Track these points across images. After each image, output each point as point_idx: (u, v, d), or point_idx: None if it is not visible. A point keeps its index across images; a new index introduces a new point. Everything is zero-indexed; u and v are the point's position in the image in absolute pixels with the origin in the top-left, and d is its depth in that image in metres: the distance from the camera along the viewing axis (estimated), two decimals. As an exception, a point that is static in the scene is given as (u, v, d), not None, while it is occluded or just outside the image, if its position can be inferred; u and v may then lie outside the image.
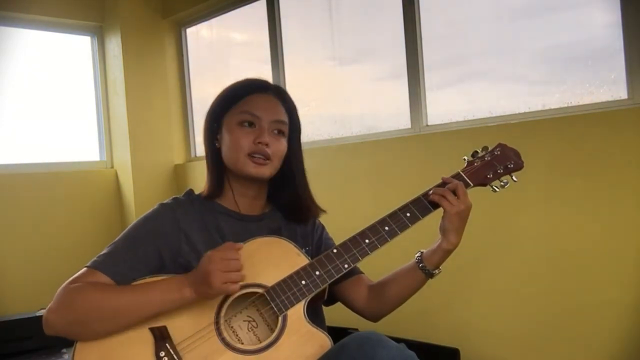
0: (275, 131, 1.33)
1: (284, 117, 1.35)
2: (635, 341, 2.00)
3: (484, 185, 1.33)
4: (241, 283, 1.17)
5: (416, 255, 1.33)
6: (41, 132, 3.83)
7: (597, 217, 2.08)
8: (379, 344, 1.08)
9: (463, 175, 1.32)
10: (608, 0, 2.17)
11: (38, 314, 2.90)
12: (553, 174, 2.17)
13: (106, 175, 3.98)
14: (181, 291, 1.17)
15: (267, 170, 1.31)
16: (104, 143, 4.05)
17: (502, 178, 1.33)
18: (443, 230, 1.28)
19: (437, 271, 1.31)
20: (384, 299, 1.36)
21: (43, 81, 3.85)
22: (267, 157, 1.30)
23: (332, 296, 1.39)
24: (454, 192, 1.26)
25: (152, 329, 1.18)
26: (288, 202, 1.41)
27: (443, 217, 1.27)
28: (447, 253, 1.28)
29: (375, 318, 1.41)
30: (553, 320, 2.18)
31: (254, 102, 1.33)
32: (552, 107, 2.28)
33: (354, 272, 1.40)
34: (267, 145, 1.29)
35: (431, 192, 1.28)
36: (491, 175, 1.32)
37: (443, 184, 1.29)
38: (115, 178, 4.00)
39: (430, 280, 1.32)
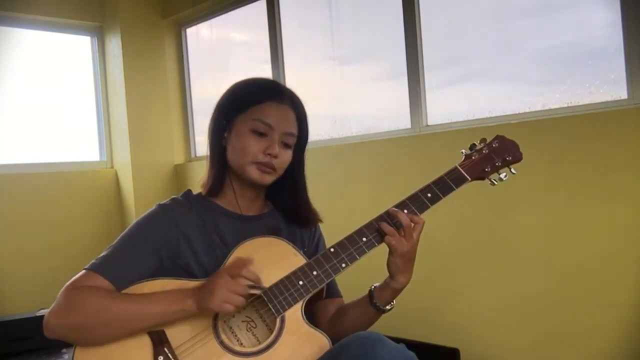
0: (284, 143, 1.31)
1: (294, 129, 1.34)
2: (636, 341, 2.00)
3: (482, 179, 1.31)
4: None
5: (369, 289, 1.30)
6: (41, 132, 3.82)
7: (597, 217, 2.07)
8: (379, 344, 1.07)
9: (460, 169, 1.29)
10: (608, 0, 2.17)
11: (38, 314, 2.90)
12: (553, 174, 2.17)
13: (106, 175, 3.98)
14: (184, 302, 1.15)
15: (270, 178, 1.31)
16: (104, 143, 4.05)
17: (500, 171, 1.31)
18: (390, 271, 1.25)
19: (388, 307, 1.29)
20: (341, 326, 1.33)
21: (43, 81, 3.84)
22: (273, 169, 1.30)
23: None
24: (401, 227, 1.21)
25: (150, 333, 1.17)
26: (286, 208, 1.41)
27: (389, 256, 1.24)
28: (397, 292, 1.26)
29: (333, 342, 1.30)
30: (553, 320, 2.18)
31: (269, 112, 1.29)
32: (552, 107, 2.28)
33: (332, 293, 1.38)
34: (276, 157, 1.29)
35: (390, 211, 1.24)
36: (489, 169, 1.30)
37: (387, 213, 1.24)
38: (115, 178, 4.00)
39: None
